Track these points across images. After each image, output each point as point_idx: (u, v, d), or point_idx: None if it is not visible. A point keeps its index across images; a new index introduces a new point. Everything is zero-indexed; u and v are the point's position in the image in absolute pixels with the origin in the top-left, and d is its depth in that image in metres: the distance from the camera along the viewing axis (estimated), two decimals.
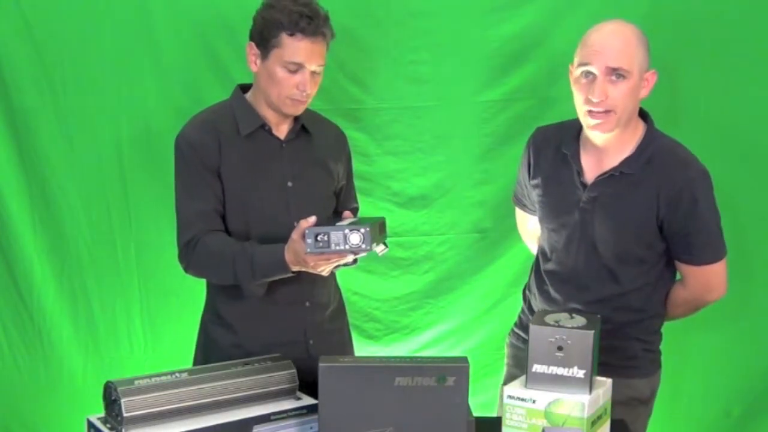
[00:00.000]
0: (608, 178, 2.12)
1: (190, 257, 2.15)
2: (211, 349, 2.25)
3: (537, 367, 1.81)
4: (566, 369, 1.79)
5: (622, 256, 2.15)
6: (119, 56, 2.70)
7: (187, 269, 2.18)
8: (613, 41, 2.05)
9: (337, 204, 2.33)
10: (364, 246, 1.92)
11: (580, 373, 1.78)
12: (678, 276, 2.25)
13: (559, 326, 1.81)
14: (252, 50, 2.11)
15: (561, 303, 2.22)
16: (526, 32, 2.65)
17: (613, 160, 2.12)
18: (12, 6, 2.64)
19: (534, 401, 1.79)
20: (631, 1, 2.65)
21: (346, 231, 1.92)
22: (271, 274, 2.10)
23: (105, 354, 2.84)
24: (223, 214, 2.17)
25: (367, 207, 2.70)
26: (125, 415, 1.77)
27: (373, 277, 2.83)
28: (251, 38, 2.12)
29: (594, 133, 2.10)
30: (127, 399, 1.78)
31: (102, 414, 1.86)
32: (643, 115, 2.17)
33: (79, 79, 2.71)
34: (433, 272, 2.84)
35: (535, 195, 2.29)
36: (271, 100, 2.14)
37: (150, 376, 1.86)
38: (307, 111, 2.21)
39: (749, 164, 2.71)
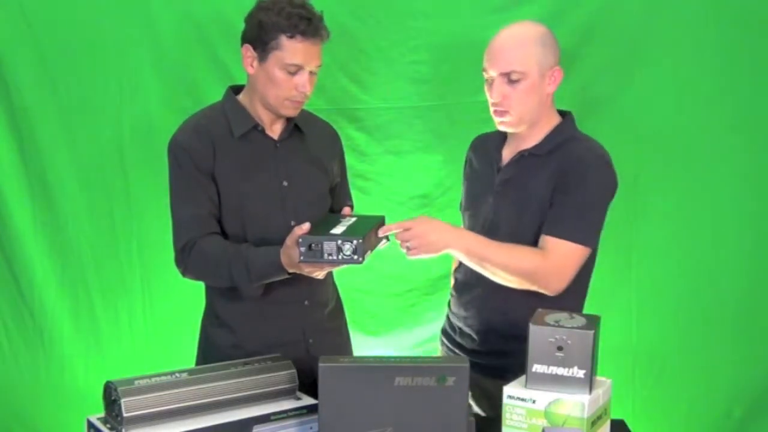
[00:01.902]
0: (518, 159, 2.18)
1: (187, 261, 2.15)
2: (211, 350, 2.25)
3: (537, 367, 1.81)
4: (566, 369, 1.79)
5: (520, 238, 2.14)
6: (120, 56, 2.71)
7: (184, 273, 2.18)
8: (505, 46, 2.13)
9: (332, 202, 2.33)
10: (355, 257, 1.93)
11: (580, 373, 1.78)
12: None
13: (559, 326, 1.81)
14: (248, 52, 2.11)
15: (461, 289, 2.26)
16: None
17: (526, 145, 2.18)
18: (13, 6, 2.65)
19: (534, 401, 1.79)
20: (629, 1, 2.66)
21: (339, 242, 1.92)
22: (268, 277, 2.10)
23: (106, 353, 2.84)
24: (219, 217, 2.17)
25: (367, 206, 2.70)
26: (125, 415, 1.77)
27: (373, 275, 2.84)
28: (247, 40, 2.11)
29: (502, 128, 2.20)
30: (127, 399, 1.78)
31: (102, 414, 1.86)
32: (563, 113, 2.22)
33: (80, 79, 2.72)
34: (432, 269, 2.85)
35: (463, 189, 2.36)
36: (268, 102, 2.14)
37: (150, 376, 1.86)
38: (300, 110, 2.21)
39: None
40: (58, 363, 2.84)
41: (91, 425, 1.86)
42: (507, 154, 2.23)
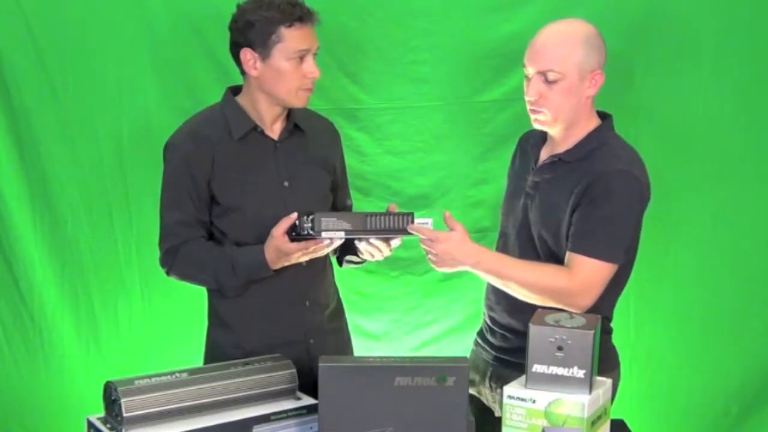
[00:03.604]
0: (550, 164, 2.16)
1: (171, 263, 2.20)
2: (213, 350, 2.26)
3: (537, 367, 1.81)
4: (566, 369, 1.79)
5: (549, 247, 2.13)
6: (119, 56, 2.70)
7: (168, 273, 2.23)
8: (547, 44, 2.09)
9: (334, 201, 2.33)
10: (312, 232, 2.02)
11: (580, 373, 1.78)
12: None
13: (559, 326, 1.81)
14: (248, 55, 2.11)
15: (491, 288, 2.24)
16: (526, 32, 2.62)
17: (560, 149, 2.16)
18: (12, 6, 2.64)
19: (534, 401, 1.79)
20: (630, 1, 2.66)
21: (305, 217, 2.03)
22: (253, 275, 2.13)
23: (106, 354, 2.84)
24: (207, 222, 2.19)
25: (366, 207, 2.70)
26: (125, 415, 1.77)
27: (373, 277, 2.84)
28: (242, 44, 2.11)
29: (537, 126, 2.16)
30: (127, 399, 1.78)
31: (102, 414, 1.86)
32: (604, 115, 2.19)
33: (80, 79, 2.71)
34: (432, 272, 2.83)
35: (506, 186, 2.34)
36: (280, 98, 2.14)
37: (150, 376, 1.87)
38: (299, 108, 2.21)
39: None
40: (57, 363, 2.83)
41: (91, 425, 1.86)
42: (544, 154, 2.20)
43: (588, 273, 2.06)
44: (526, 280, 2.08)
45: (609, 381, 1.91)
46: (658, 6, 2.66)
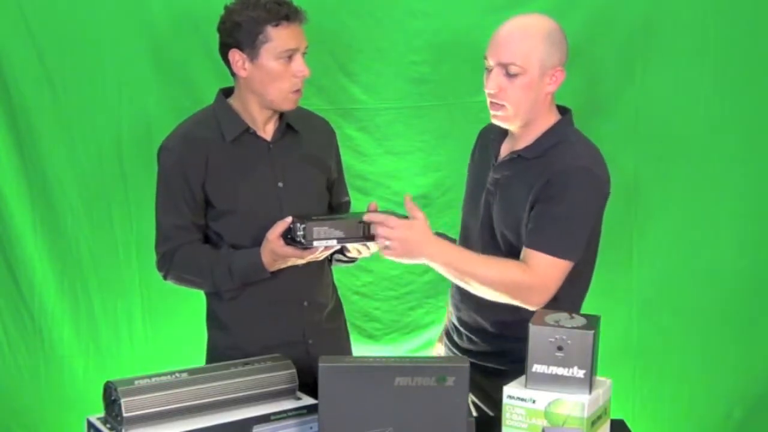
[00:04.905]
0: (509, 161, 2.14)
1: (168, 267, 2.20)
2: (212, 352, 2.27)
3: (537, 367, 1.81)
4: (566, 369, 1.79)
5: (512, 245, 2.11)
6: (119, 56, 2.70)
7: (165, 277, 2.23)
8: (510, 37, 2.06)
9: (330, 199, 2.33)
10: (303, 241, 1.99)
11: (580, 373, 1.78)
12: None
13: (559, 326, 1.81)
14: (237, 56, 2.10)
15: (455, 288, 2.22)
16: None
17: (519, 145, 2.14)
18: (12, 6, 2.64)
19: (534, 401, 1.79)
20: (630, 0, 2.66)
21: (298, 224, 1.99)
22: (250, 277, 2.13)
23: (106, 354, 2.84)
24: (203, 224, 2.19)
25: (366, 207, 2.70)
26: (125, 415, 1.77)
27: (372, 278, 2.83)
28: (231, 45, 2.10)
29: (495, 122, 2.14)
30: (127, 399, 1.78)
31: (102, 414, 1.86)
32: (565, 110, 2.17)
33: (80, 79, 2.71)
34: (432, 272, 2.81)
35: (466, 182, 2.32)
36: (269, 99, 2.13)
37: (150, 376, 1.86)
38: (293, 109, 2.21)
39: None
40: (57, 363, 2.83)
41: (91, 425, 1.86)
42: (504, 150, 2.18)
43: (543, 269, 2.02)
44: (484, 275, 2.04)
45: (609, 381, 1.90)
46: (658, 6, 2.67)
